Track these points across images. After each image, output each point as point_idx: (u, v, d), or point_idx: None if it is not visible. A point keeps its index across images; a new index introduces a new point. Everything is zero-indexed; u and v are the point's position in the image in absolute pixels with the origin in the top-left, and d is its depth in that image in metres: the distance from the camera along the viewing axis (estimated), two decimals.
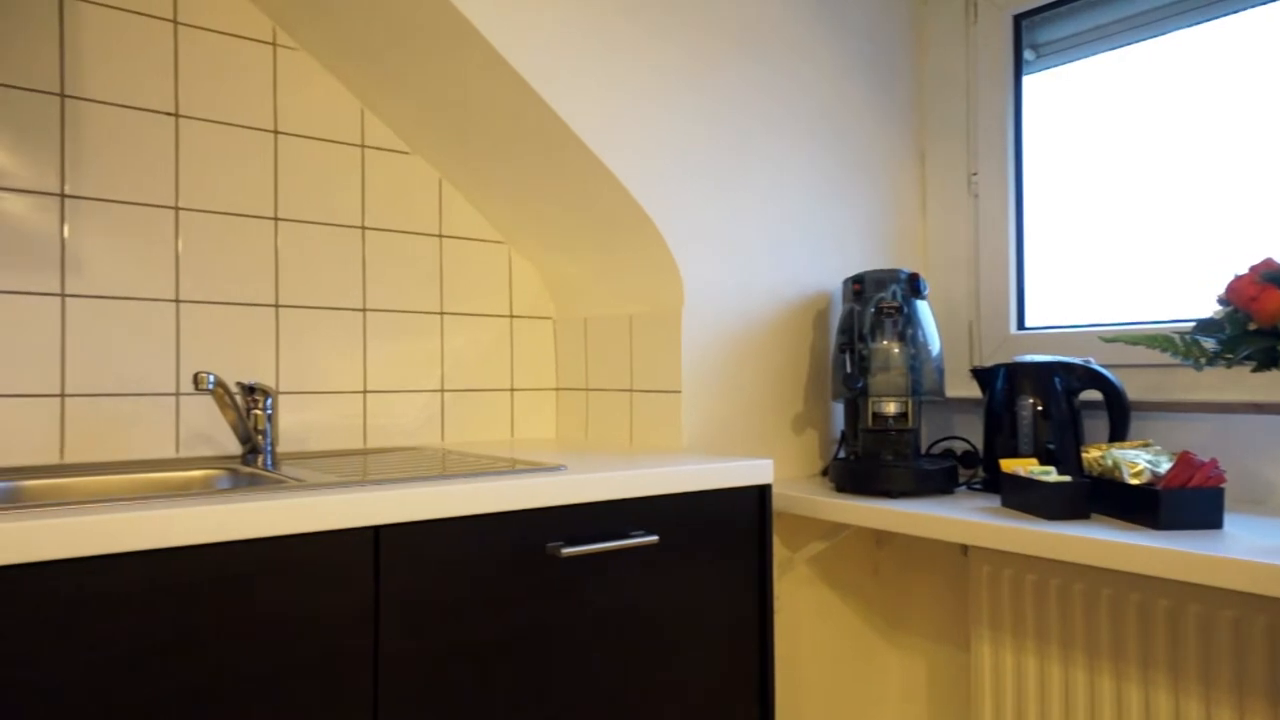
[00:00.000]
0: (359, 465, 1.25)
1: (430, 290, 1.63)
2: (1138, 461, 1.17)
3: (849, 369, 1.43)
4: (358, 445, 1.54)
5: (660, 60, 1.45)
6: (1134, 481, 1.16)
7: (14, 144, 1.23)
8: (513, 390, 1.74)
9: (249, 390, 1.29)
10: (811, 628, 1.67)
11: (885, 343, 1.44)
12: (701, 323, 1.50)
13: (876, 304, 1.45)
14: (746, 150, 1.57)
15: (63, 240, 1.27)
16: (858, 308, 1.47)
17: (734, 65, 1.55)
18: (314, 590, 0.92)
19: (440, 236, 1.64)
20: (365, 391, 1.55)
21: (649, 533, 1.17)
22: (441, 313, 1.64)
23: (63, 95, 1.27)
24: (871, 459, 1.47)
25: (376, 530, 0.96)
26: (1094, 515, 1.23)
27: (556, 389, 1.79)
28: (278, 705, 0.89)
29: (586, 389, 1.71)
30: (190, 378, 1.37)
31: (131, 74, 1.33)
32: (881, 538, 1.79)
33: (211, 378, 1.15)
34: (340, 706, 0.93)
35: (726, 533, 1.26)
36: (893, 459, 1.46)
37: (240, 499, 0.89)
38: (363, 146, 1.55)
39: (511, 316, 1.74)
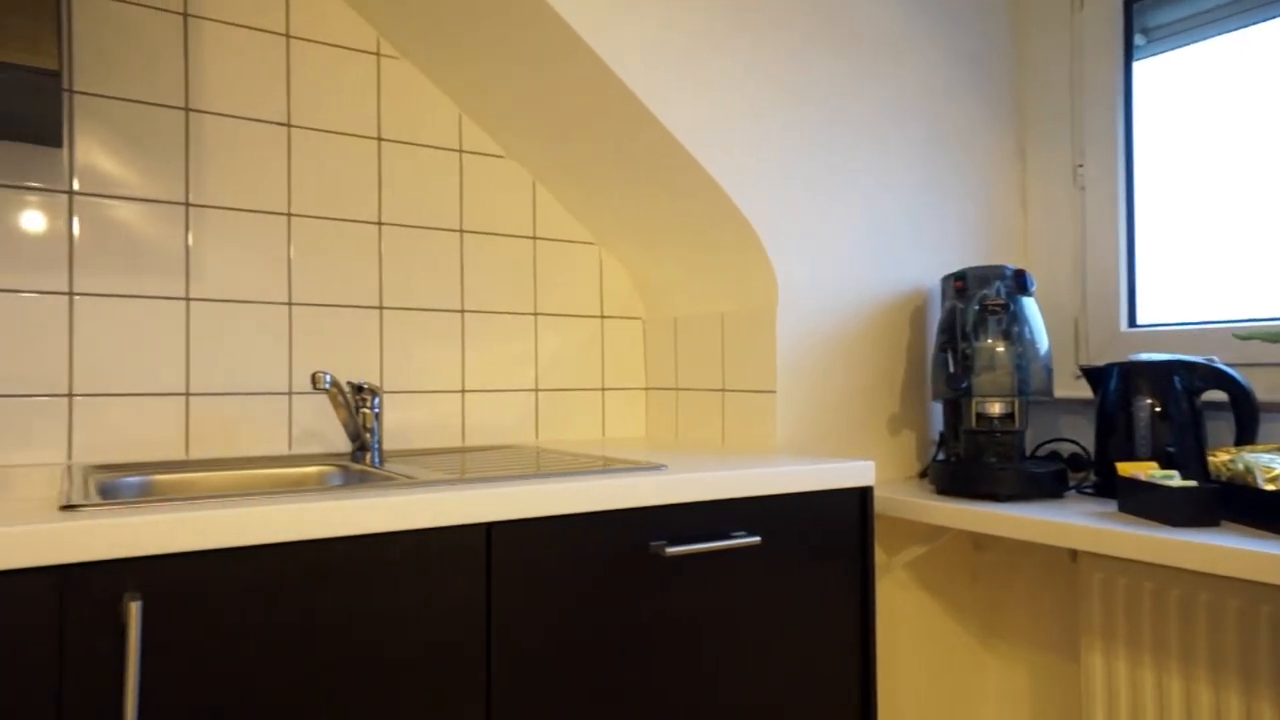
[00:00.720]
0: (463, 463, 1.27)
1: (524, 291, 1.66)
2: (1274, 466, 1.10)
3: (952, 368, 1.39)
4: (456, 443, 1.58)
5: (754, 58, 1.44)
6: (1270, 488, 1.09)
7: (145, 157, 1.30)
8: (603, 390, 1.75)
9: (357, 389, 1.33)
10: (908, 633, 1.63)
11: (989, 341, 1.39)
12: (796, 321, 1.49)
13: (980, 301, 1.40)
14: (841, 146, 1.55)
15: (187, 247, 1.34)
16: (960, 305, 1.43)
17: (828, 61, 1.53)
18: (429, 585, 0.94)
19: (534, 239, 1.67)
20: (463, 391, 1.59)
21: (750, 534, 1.17)
22: (535, 313, 1.67)
23: (187, 109, 1.34)
24: (974, 461, 1.42)
25: (489, 527, 0.98)
26: (1224, 522, 1.17)
27: (646, 388, 1.80)
28: (395, 697, 0.92)
29: (676, 388, 1.71)
30: (300, 378, 1.42)
31: (247, 87, 1.39)
32: (980, 542, 1.74)
33: (328, 377, 1.19)
34: (456, 699, 0.95)
35: (827, 535, 1.25)
36: (997, 461, 1.41)
37: (362, 495, 0.92)
38: (460, 151, 1.59)
39: (602, 317, 1.75)
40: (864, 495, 1.28)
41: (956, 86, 1.71)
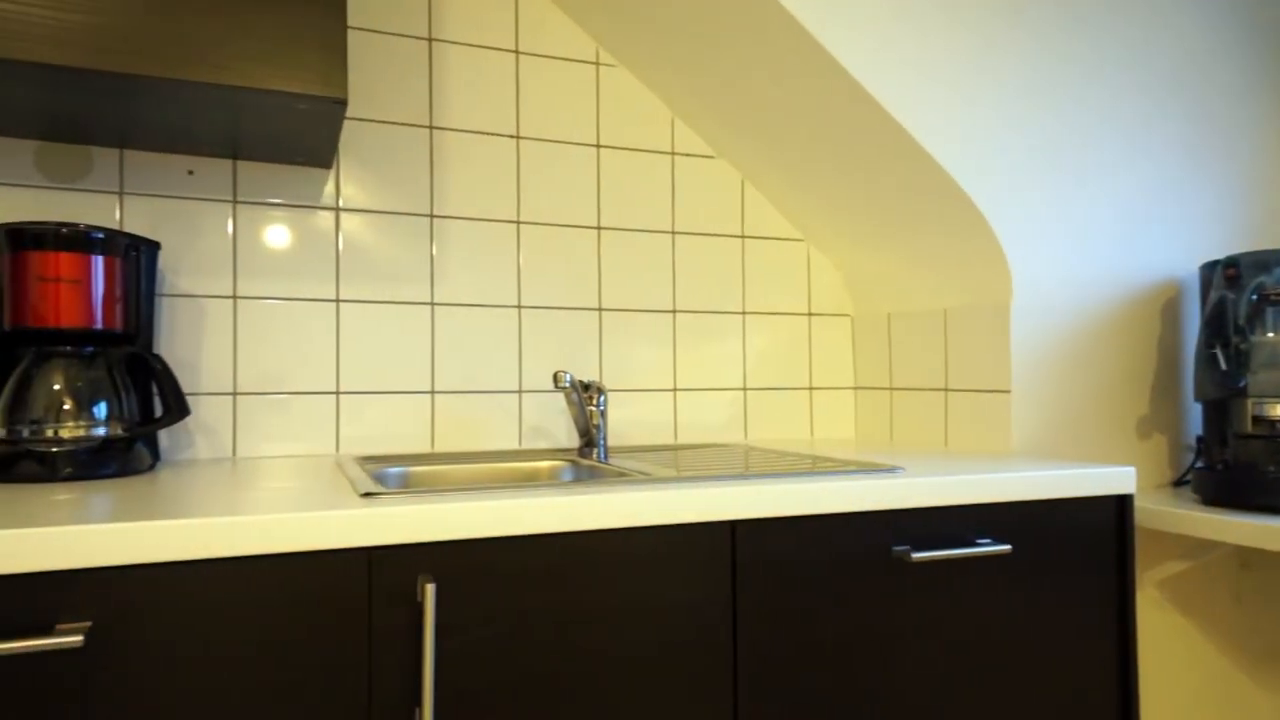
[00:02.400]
0: (678, 460, 1.29)
1: (733, 290, 1.66)
2: None
3: (1224, 366, 1.25)
4: (668, 441, 1.61)
5: (981, 30, 1.36)
6: None
7: (395, 174, 1.42)
8: (811, 389, 1.72)
9: (585, 388, 1.39)
10: (1160, 658, 1.48)
11: (1271, 335, 1.24)
12: (1031, 316, 1.39)
13: (1257, 290, 1.25)
14: (1082, 125, 1.43)
15: (431, 256, 1.44)
16: (1231, 295, 1.28)
17: (1065, 29, 1.42)
18: (677, 580, 0.96)
19: (742, 237, 1.67)
20: (675, 390, 1.61)
21: (997, 542, 1.10)
22: (743, 312, 1.67)
23: (431, 128, 1.44)
24: (1249, 469, 1.27)
25: (733, 525, 0.99)
26: None
27: (855, 388, 1.75)
28: (649, 685, 0.94)
29: (891, 388, 1.65)
30: (529, 377, 1.50)
31: (482, 103, 1.48)
32: (1248, 560, 1.55)
33: (569, 376, 1.25)
34: (701, 695, 0.96)
35: (1080, 546, 1.15)
36: (1275, 469, 1.25)
37: (621, 489, 0.95)
38: (672, 154, 1.61)
39: (810, 315, 1.72)
40: (1122, 504, 1.18)
41: (1216, 47, 1.54)
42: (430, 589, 0.83)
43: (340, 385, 1.38)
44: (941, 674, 1.08)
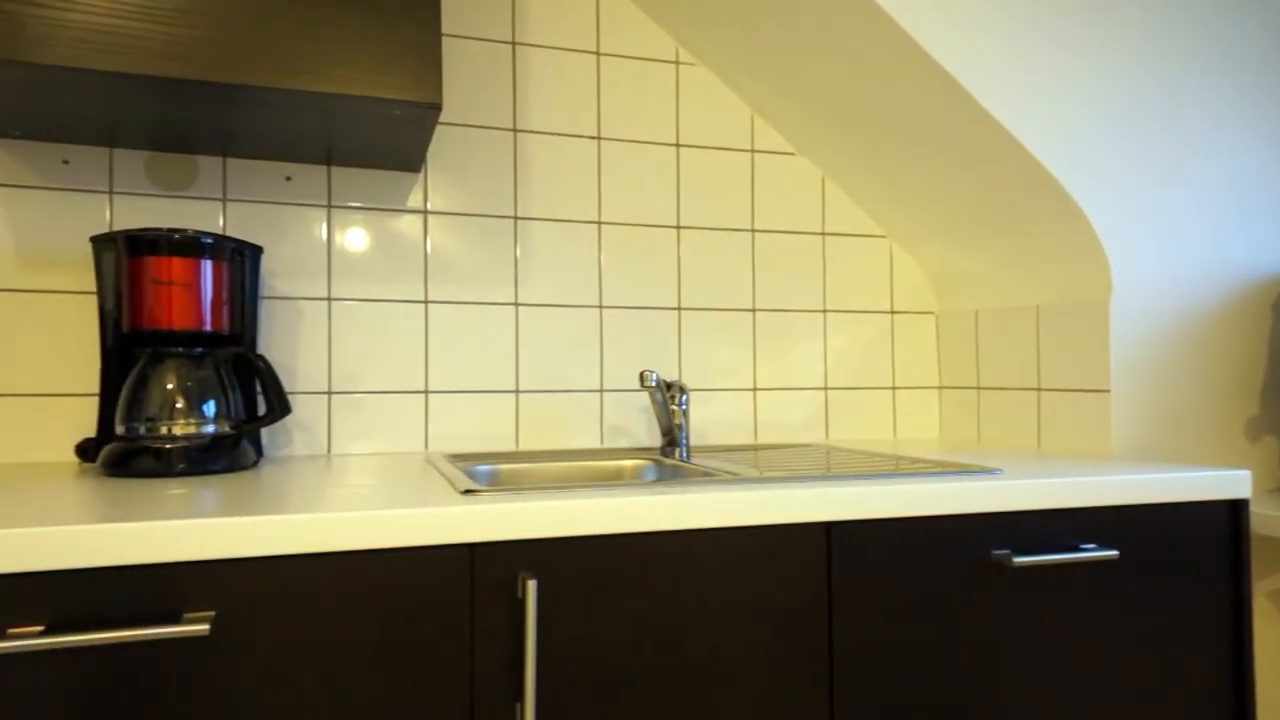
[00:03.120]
0: (766, 461, 1.28)
1: (813, 288, 1.64)
2: None
3: None
4: (748, 441, 1.59)
5: (1077, 20, 1.31)
6: None
7: (481, 177, 1.44)
8: (894, 388, 1.69)
9: (667, 387, 1.39)
10: (1273, 673, 1.41)
11: None
12: (1131, 312, 1.33)
13: None
14: (1180, 116, 1.37)
15: (515, 258, 1.46)
16: None
17: (1160, 19, 1.36)
18: (773, 580, 0.95)
19: (822, 234, 1.65)
20: (755, 389, 1.60)
21: (1102, 547, 1.06)
22: (824, 310, 1.64)
23: (515, 130, 1.46)
24: None
25: (828, 526, 0.97)
26: None
27: (940, 387, 1.71)
28: (737, 691, 0.94)
29: (978, 387, 1.60)
30: (610, 376, 1.51)
31: (564, 105, 1.49)
32: None
33: (655, 375, 1.25)
34: (796, 697, 0.95)
35: (1189, 553, 1.10)
36: None
37: (710, 489, 0.94)
38: (752, 151, 1.60)
39: (892, 312, 1.69)
40: (1236, 509, 1.12)
41: None
42: (532, 585, 0.84)
43: (429, 385, 1.41)
44: (1042, 683, 1.04)
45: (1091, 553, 1.04)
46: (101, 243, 1.14)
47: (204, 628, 0.74)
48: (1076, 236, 1.34)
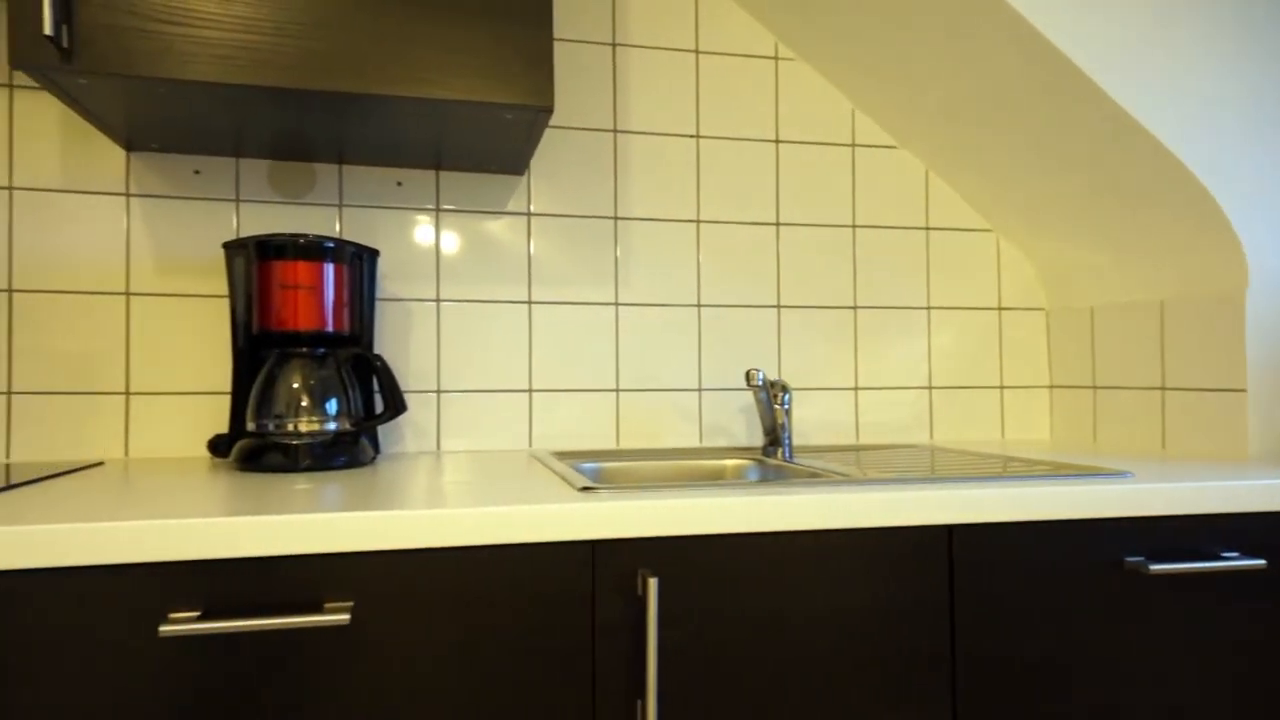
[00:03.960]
0: (870, 461, 1.25)
1: (916, 285, 1.60)
2: None
3: None
4: (849, 441, 1.57)
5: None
6: None
7: (582, 178, 1.46)
8: (1002, 388, 1.63)
9: (770, 386, 1.37)
10: None
11: None
12: (1270, 306, 1.25)
13: None
14: None
15: (615, 258, 1.47)
16: None
17: None
18: (890, 585, 0.93)
19: (926, 229, 1.60)
20: (856, 388, 1.57)
21: (1247, 556, 1.00)
22: (928, 307, 1.60)
23: (615, 131, 1.47)
24: None
25: (950, 529, 0.94)
26: None
27: (1050, 386, 1.64)
28: (856, 694, 0.92)
29: (1094, 386, 1.53)
30: (709, 375, 1.50)
31: (663, 104, 1.49)
32: None
33: (760, 374, 1.24)
34: (918, 702, 0.93)
35: None
36: None
37: (831, 490, 0.93)
38: (853, 146, 1.57)
39: (1000, 309, 1.63)
40: None
41: None
42: (653, 583, 0.84)
43: (532, 384, 1.43)
44: (1180, 696, 0.99)
45: (1235, 561, 0.98)
46: (233, 248, 1.20)
47: (345, 617, 0.76)
48: (1207, 227, 1.27)
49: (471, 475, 1.06)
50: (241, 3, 1.00)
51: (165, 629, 0.72)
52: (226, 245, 1.20)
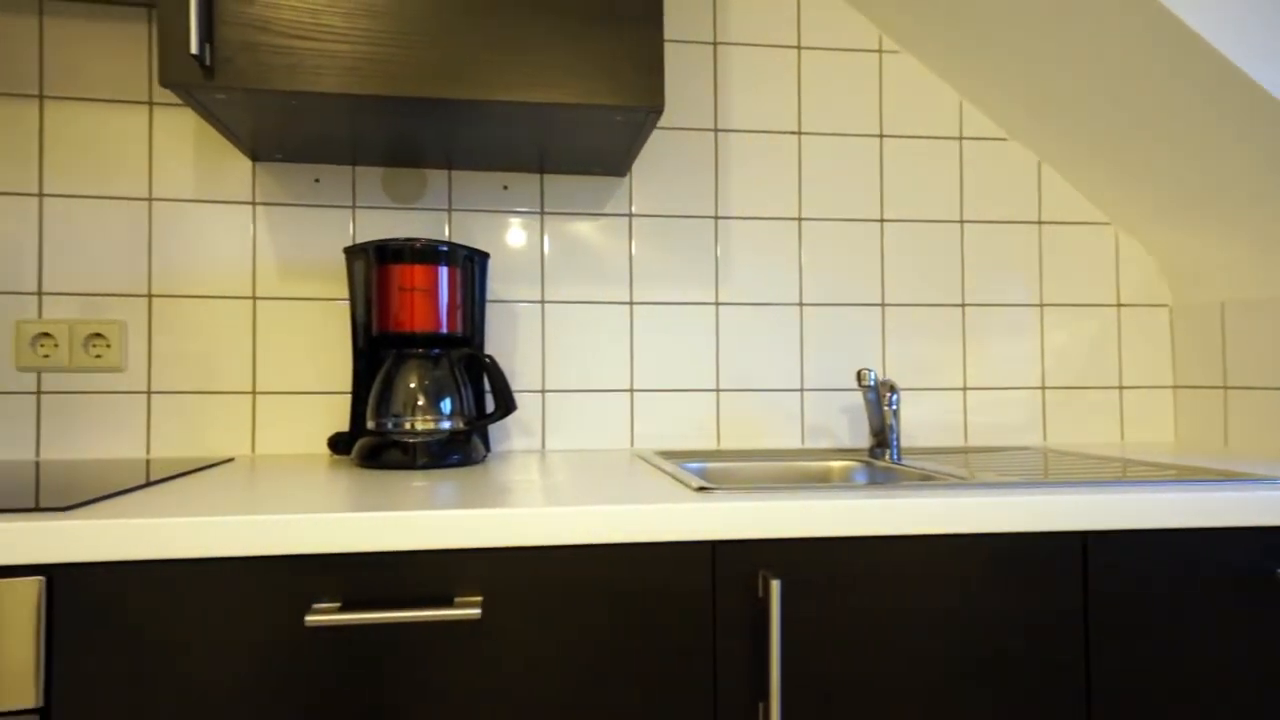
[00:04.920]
0: (982, 464, 1.21)
1: (1028, 281, 1.54)
2: None
3: None
4: (957, 443, 1.52)
5: None
6: None
7: (682, 178, 1.46)
8: (1120, 388, 1.55)
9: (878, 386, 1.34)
10: None
11: None
12: None
13: None
14: None
15: (716, 257, 1.47)
16: None
17: None
18: (1017, 592, 0.89)
19: (1039, 223, 1.54)
20: (965, 388, 1.52)
21: None
22: (1041, 304, 1.54)
23: (715, 130, 1.47)
24: None
25: (1084, 536, 0.90)
26: None
27: (1174, 387, 1.56)
28: (980, 705, 0.89)
29: (1224, 386, 1.44)
30: (810, 375, 1.48)
31: (763, 102, 1.48)
32: None
33: (872, 374, 1.21)
34: (1049, 714, 0.89)
35: None
36: None
37: (955, 493, 0.90)
38: (960, 139, 1.53)
39: (1118, 305, 1.55)
40: None
41: None
42: (775, 585, 0.83)
43: (634, 383, 1.44)
44: None
45: None
46: (353, 253, 1.24)
47: (476, 612, 0.78)
48: None
49: (583, 474, 1.08)
50: (365, 16, 1.03)
51: (311, 618, 0.76)
52: (347, 250, 1.24)
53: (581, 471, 1.10)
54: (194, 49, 0.95)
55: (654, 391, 1.45)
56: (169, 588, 0.76)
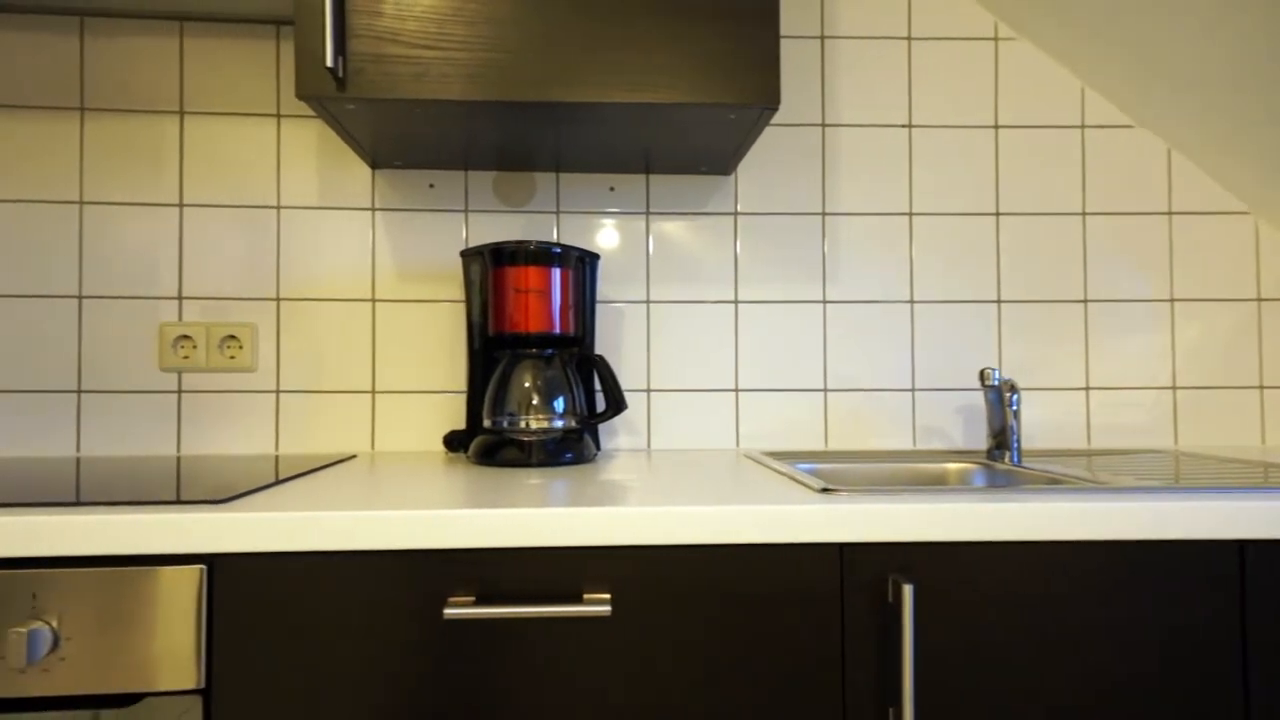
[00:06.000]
0: (1111, 467, 1.15)
1: (1157, 275, 1.46)
2: None
3: None
4: (1080, 445, 1.45)
5: None
6: None
7: (788, 174, 1.44)
8: (1261, 388, 1.45)
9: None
10: None
11: None
12: None
13: None
14: None
15: (823, 254, 1.45)
16: None
17: None
18: (1163, 603, 0.85)
19: (1169, 214, 1.46)
20: (1087, 388, 1.45)
21: None
22: (1171, 300, 1.46)
23: (823, 125, 1.45)
24: None
25: (1241, 544, 0.85)
26: None
27: None
28: (1144, 712, 0.85)
29: None
30: (922, 374, 1.44)
31: (873, 95, 1.45)
32: None
33: (995, 373, 1.17)
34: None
35: None
36: None
37: (1089, 497, 0.86)
38: (1082, 127, 1.46)
39: (1259, 300, 1.46)
40: None
41: None
42: (908, 590, 0.81)
43: (739, 383, 1.43)
44: None
45: None
46: (469, 256, 1.28)
47: (606, 609, 0.79)
48: None
49: (696, 473, 1.07)
50: (485, 23, 1.06)
51: (450, 612, 0.78)
52: (464, 253, 1.28)
53: (694, 471, 1.10)
54: (329, 62, 0.99)
55: (759, 391, 1.43)
56: (318, 577, 0.80)
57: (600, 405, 1.37)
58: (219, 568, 0.79)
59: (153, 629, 0.77)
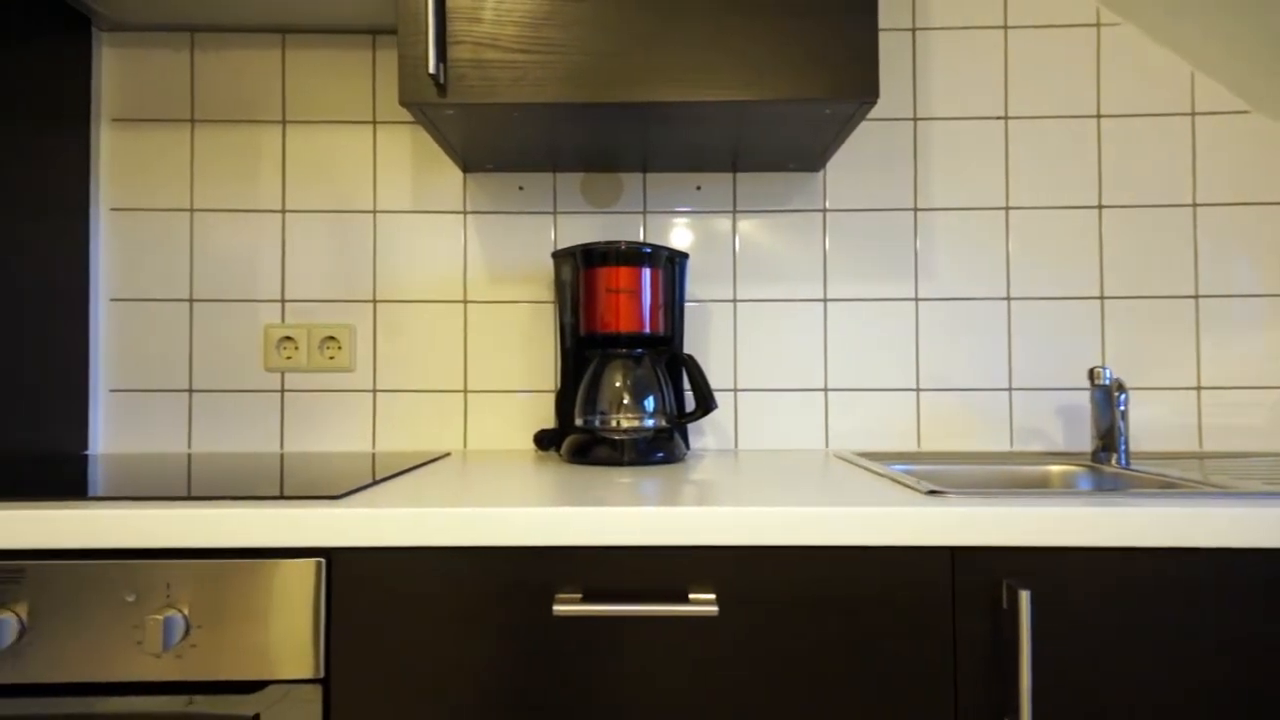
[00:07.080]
0: (1225, 470, 1.09)
1: (1276, 268, 1.38)
2: None
3: None
4: (1191, 447, 1.38)
5: None
6: None
7: (877, 171, 1.41)
8: None
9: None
10: None
11: None
12: None
13: None
14: None
15: (915, 250, 1.41)
16: None
17: None
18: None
19: None
20: (1199, 388, 1.38)
21: None
22: None
23: (915, 119, 1.41)
24: None
25: None
26: None
27: None
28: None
29: None
30: (1019, 374, 1.39)
31: (966, 87, 1.41)
32: None
33: (1107, 372, 1.13)
34: None
35: None
36: None
37: (1219, 503, 0.82)
38: (1192, 114, 1.39)
39: None
40: None
41: None
42: (1024, 596, 0.78)
43: (828, 382, 1.41)
44: None
45: None
46: (560, 257, 1.29)
47: (713, 610, 0.79)
48: None
49: (790, 474, 1.06)
50: (579, 27, 1.07)
51: (559, 609, 0.79)
52: (555, 254, 1.29)
53: (787, 471, 1.09)
54: (431, 68, 1.02)
55: (849, 391, 1.41)
56: (430, 571, 0.82)
57: (689, 405, 1.36)
58: (336, 561, 0.82)
59: (274, 619, 0.80)
